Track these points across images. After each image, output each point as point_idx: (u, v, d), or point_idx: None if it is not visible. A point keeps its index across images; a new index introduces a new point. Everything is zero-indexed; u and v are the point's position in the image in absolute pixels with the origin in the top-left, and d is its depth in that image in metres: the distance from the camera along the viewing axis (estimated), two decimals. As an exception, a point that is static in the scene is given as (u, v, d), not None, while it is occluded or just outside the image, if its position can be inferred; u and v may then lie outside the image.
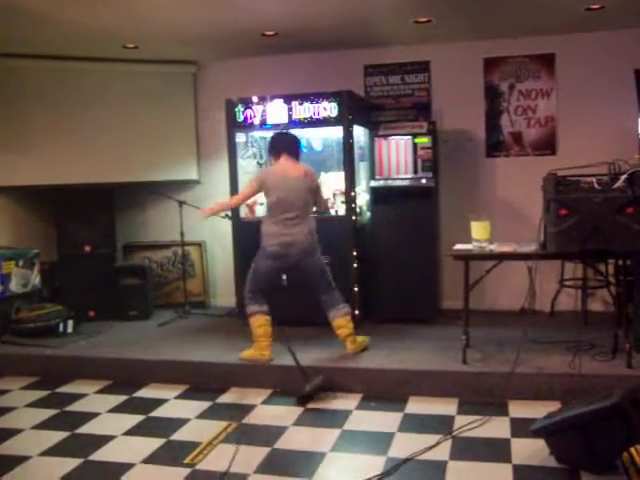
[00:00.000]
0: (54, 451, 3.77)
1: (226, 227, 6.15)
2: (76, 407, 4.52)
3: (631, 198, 4.10)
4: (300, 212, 4.73)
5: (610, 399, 3.14)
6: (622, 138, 5.25)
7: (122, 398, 4.64)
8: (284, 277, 5.18)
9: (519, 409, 4.09)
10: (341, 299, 4.87)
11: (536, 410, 3.83)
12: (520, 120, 6.15)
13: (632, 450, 3.33)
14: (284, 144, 4.90)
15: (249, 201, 5.51)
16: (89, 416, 4.31)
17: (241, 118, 5.79)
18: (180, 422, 4.14)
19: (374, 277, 5.78)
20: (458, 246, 4.80)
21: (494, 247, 4.66)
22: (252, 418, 4.19)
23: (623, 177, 4.13)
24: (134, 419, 4.23)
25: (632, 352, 4.32)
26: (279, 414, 4.21)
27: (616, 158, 4.33)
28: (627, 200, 4.10)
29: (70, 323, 5.82)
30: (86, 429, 4.10)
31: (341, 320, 4.83)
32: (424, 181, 5.67)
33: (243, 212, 5.90)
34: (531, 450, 3.47)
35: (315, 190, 4.88)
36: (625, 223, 4.09)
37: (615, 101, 5.73)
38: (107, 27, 5.25)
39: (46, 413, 4.39)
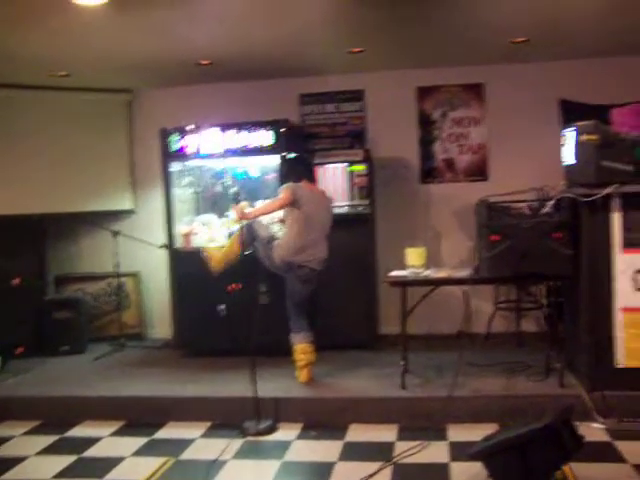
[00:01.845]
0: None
1: (161, 257, 6.05)
2: (1, 451, 4.28)
3: (558, 223, 4.25)
4: (323, 232, 4.86)
5: (543, 420, 3.21)
6: (549, 164, 5.43)
7: (52, 439, 4.43)
8: (222, 307, 5.15)
9: (457, 432, 4.12)
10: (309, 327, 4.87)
11: (474, 433, 3.86)
12: (453, 147, 6.32)
13: (565, 468, 3.40)
14: (303, 169, 5.00)
15: (184, 231, 5.44)
16: (15, 461, 4.07)
17: (175, 147, 5.74)
18: (115, 461, 3.99)
19: (311, 304, 5.76)
20: (394, 272, 4.84)
21: (429, 273, 4.73)
22: (190, 453, 4.08)
23: (550, 203, 4.29)
24: (66, 460, 4.04)
25: (563, 372, 4.44)
26: (218, 447, 4.10)
27: (544, 184, 4.51)
28: (555, 225, 4.25)
29: (-3, 360, 5.57)
30: (12, 475, 3.88)
31: (307, 346, 4.80)
32: (360, 208, 5.73)
33: (179, 242, 5.81)
34: (469, 474, 3.50)
35: (332, 213, 5.03)
36: (554, 247, 4.24)
37: (542, 128, 5.95)
38: (37, 54, 5.11)
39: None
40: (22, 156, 6.17)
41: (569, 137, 4.38)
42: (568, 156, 4.42)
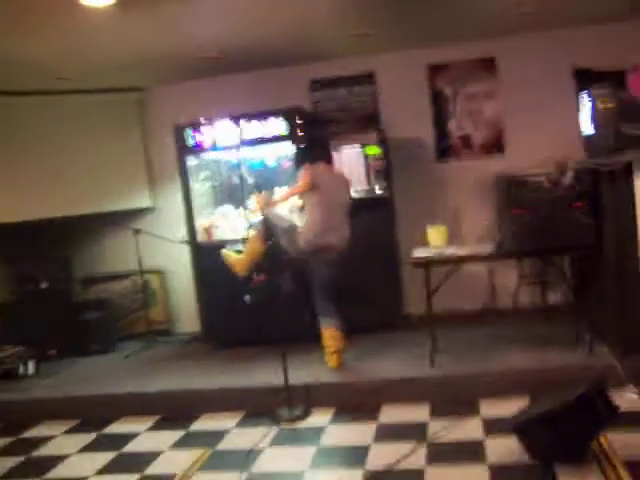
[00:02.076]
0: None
1: (184, 252, 6.09)
2: (43, 451, 4.39)
3: (579, 193, 4.22)
4: (343, 212, 4.86)
5: (577, 391, 3.21)
6: (566, 135, 5.38)
7: (91, 437, 4.53)
8: (247, 297, 5.19)
9: (490, 408, 4.14)
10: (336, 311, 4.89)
11: (506, 407, 3.88)
12: (468, 123, 6.27)
13: (601, 438, 3.40)
14: (319, 151, 5.01)
15: (205, 225, 5.47)
16: (58, 459, 4.19)
17: (191, 142, 5.76)
18: (153, 455, 4.07)
19: (337, 290, 5.78)
20: (417, 253, 4.84)
21: (452, 251, 4.72)
22: (226, 443, 4.14)
23: (570, 174, 4.26)
24: (106, 457, 4.13)
25: (594, 341, 4.42)
26: (254, 436, 4.16)
27: (562, 155, 4.48)
28: (576, 196, 4.22)
29: (31, 364, 5.66)
30: (55, 473, 3.99)
31: (336, 331, 4.83)
32: (378, 191, 5.72)
33: (200, 236, 5.86)
34: (505, 448, 3.51)
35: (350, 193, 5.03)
36: (576, 218, 4.21)
37: (557, 98, 5.88)
38: (44, 59, 5.13)
39: (11, 461, 4.24)
40: (41, 161, 6.23)
41: (586, 105, 4.33)
42: (586, 125, 4.37)
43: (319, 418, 4.35)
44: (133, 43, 5.02)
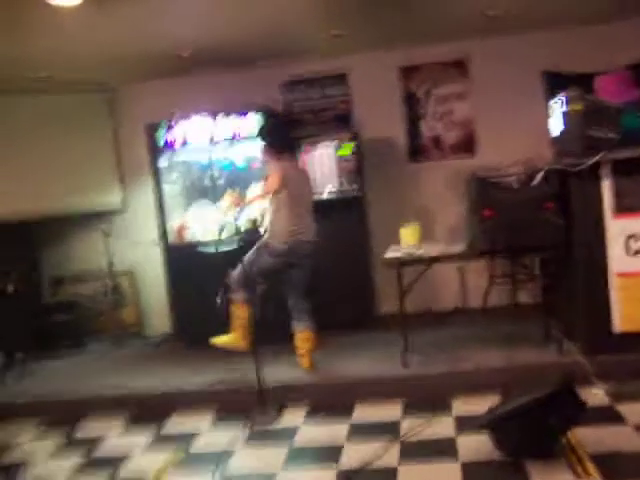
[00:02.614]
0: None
1: (155, 253, 6.04)
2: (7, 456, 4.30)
3: (548, 194, 4.29)
4: (309, 207, 4.83)
5: (546, 387, 3.26)
6: (536, 136, 5.46)
7: (61, 439, 4.47)
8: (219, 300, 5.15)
9: (462, 406, 4.17)
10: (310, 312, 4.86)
11: (478, 405, 3.91)
12: (439, 124, 6.33)
13: (569, 434, 3.45)
14: (286, 143, 4.95)
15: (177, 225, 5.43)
16: (28, 464, 4.11)
17: (162, 141, 5.71)
18: (124, 457, 4.02)
19: (309, 289, 5.79)
20: (390, 253, 4.86)
21: (424, 251, 4.75)
22: (199, 444, 4.11)
23: (539, 175, 4.32)
24: (76, 460, 4.07)
25: (562, 339, 4.50)
26: (227, 437, 4.13)
27: (531, 157, 4.54)
28: (545, 197, 4.29)
29: (-3, 367, 5.56)
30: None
31: (308, 333, 4.82)
32: (351, 192, 5.74)
33: (172, 237, 5.81)
34: (477, 446, 3.54)
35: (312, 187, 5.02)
36: (545, 218, 4.28)
37: (527, 100, 5.96)
38: (15, 56, 5.06)
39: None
40: (10, 159, 6.11)
41: (555, 108, 4.40)
42: (555, 127, 4.44)
43: (292, 418, 4.34)
44: (102, 41, 4.97)
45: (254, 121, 5.54)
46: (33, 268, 6.34)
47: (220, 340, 4.79)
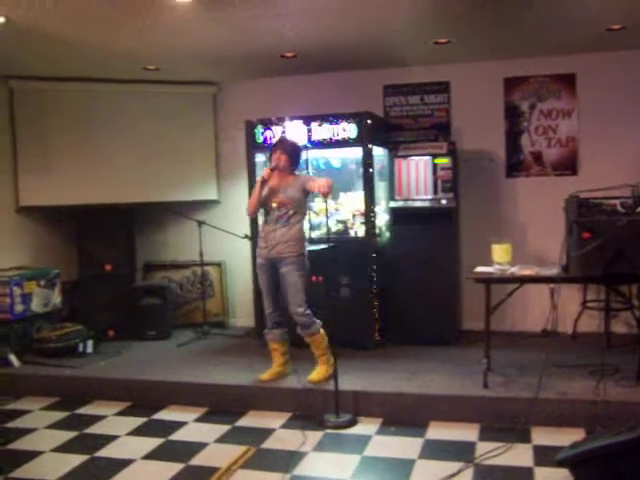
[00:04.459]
0: (73, 476, 3.77)
1: (245, 247, 6.16)
2: (95, 429, 4.52)
3: (655, 222, 4.04)
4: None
5: (637, 429, 3.08)
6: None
7: (141, 420, 4.64)
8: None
9: (542, 436, 4.01)
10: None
11: (559, 437, 3.77)
12: (541, 140, 6.11)
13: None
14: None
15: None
16: (108, 439, 4.31)
17: (260, 139, 5.82)
18: (199, 446, 4.13)
19: (394, 298, 5.74)
20: (479, 268, 4.75)
21: (516, 270, 4.60)
22: (271, 442, 4.16)
23: (647, 201, 4.09)
24: (153, 442, 4.22)
25: (658, 378, 4.24)
26: (299, 438, 4.17)
27: (638, 181, 4.30)
28: (651, 224, 4.05)
29: (90, 343, 5.83)
30: (105, 452, 4.10)
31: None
32: (444, 202, 5.64)
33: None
34: (555, 480, 3.41)
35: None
36: (649, 247, 4.04)
37: (636, 122, 5.66)
38: (128, 50, 5.32)
39: (65, 435, 4.40)
40: (117, 149, 6.47)
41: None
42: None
43: (366, 427, 4.32)
44: (211, 39, 5.11)
45: (353, 126, 5.53)
46: (130, 252, 6.61)
47: (319, 376, 4.77)
